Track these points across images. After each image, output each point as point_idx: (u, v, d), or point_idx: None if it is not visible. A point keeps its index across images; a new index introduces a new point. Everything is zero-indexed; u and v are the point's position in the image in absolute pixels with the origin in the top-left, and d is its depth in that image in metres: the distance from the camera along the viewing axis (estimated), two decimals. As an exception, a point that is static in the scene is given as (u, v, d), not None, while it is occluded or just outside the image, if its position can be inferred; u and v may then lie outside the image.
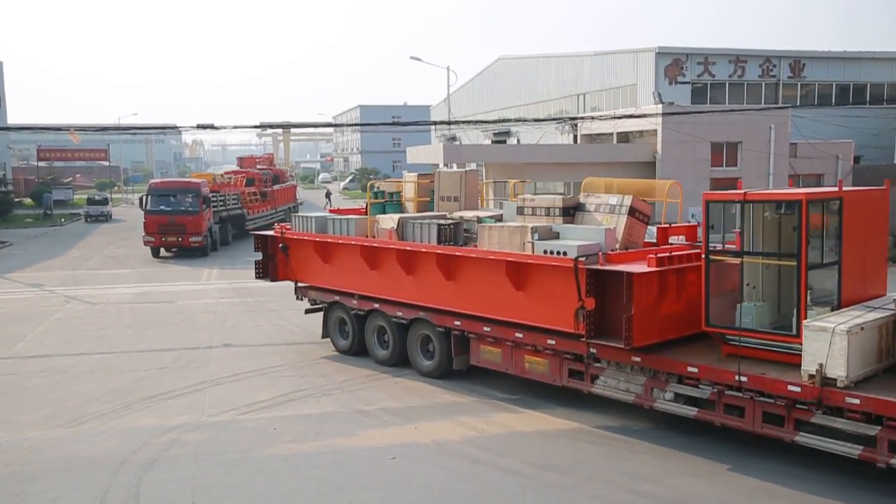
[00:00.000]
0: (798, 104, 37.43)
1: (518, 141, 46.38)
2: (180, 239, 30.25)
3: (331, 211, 16.61)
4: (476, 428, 11.04)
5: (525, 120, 37.01)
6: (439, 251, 12.52)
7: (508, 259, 11.38)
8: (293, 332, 17.32)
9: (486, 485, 9.18)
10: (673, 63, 37.00)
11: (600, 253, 10.55)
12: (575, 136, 36.18)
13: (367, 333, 14.58)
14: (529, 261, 11.18)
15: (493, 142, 49.31)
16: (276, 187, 42.19)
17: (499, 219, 13.11)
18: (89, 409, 12.10)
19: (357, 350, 14.87)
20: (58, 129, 35.74)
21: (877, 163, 36.67)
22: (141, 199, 31.61)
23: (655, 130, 29.23)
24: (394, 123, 27.24)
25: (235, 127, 22.07)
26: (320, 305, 15.70)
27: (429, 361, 13.50)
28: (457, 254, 12.35)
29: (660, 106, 30.14)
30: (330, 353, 15.41)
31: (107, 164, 73.86)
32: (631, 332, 9.90)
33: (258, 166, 44.96)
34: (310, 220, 15.32)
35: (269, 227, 38.51)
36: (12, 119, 61.14)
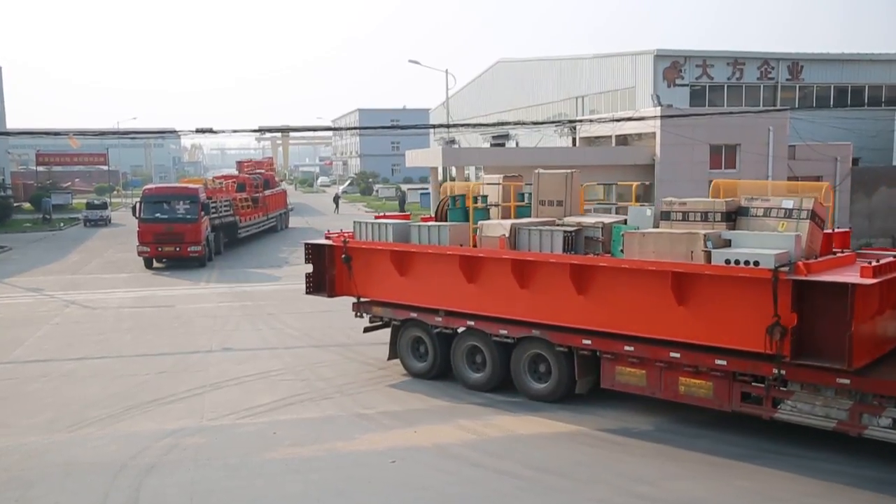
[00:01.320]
0: (796, 106, 37.47)
1: (517, 144, 46.42)
2: (178, 249, 28.22)
3: (377, 217, 15.03)
4: (475, 431, 11.03)
5: (524, 123, 37.04)
6: (575, 262, 11.13)
7: (676, 270, 10.10)
8: (293, 336, 17.31)
9: (485, 488, 9.18)
10: (671, 66, 37.06)
11: (800, 263, 9.38)
12: (574, 139, 36.22)
13: (454, 354, 13.04)
14: (706, 272, 9.88)
15: (491, 145, 49.34)
16: (267, 192, 40.25)
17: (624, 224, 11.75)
18: (89, 413, 12.08)
19: (438, 373, 13.39)
20: (57, 133, 35.52)
21: (875, 165, 36.71)
22: (134, 207, 29.65)
23: (654, 133, 29.26)
24: (392, 127, 27.31)
25: (234, 131, 22.23)
26: (381, 323, 14.26)
27: (541, 384, 12.15)
28: (600, 264, 10.98)
29: (658, 108, 30.17)
30: (328, 357, 15.38)
31: (106, 168, 73.79)
32: (851, 352, 8.88)
33: (246, 170, 43.32)
34: (385, 227, 13.52)
35: (260, 235, 38.36)
36: (11, 123, 61.15)
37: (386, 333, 15.56)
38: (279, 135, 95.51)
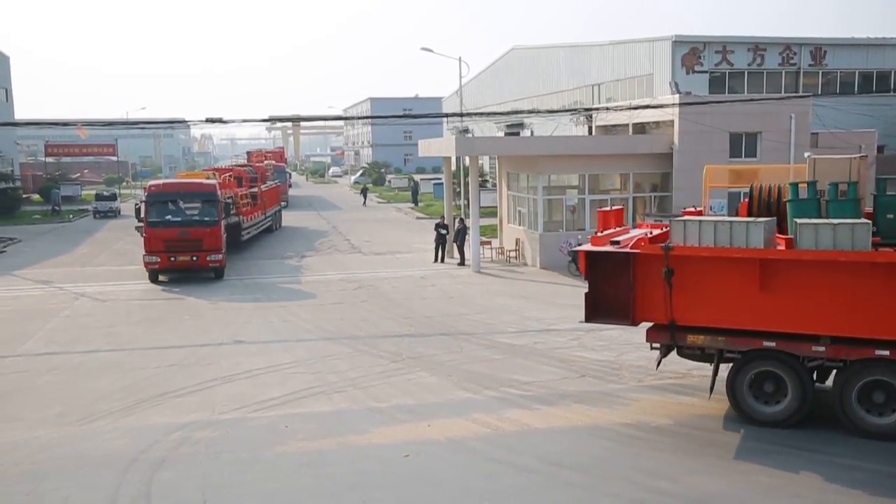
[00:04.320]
0: (819, 93, 36.76)
1: (531, 133, 46.01)
2: (195, 258, 23.52)
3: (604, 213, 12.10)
4: (490, 425, 10.84)
5: (539, 111, 36.61)
6: None
7: None
8: (305, 329, 17.15)
9: (501, 483, 9.00)
10: (690, 52, 36.46)
11: None
12: (590, 128, 35.79)
13: (844, 394, 10.21)
14: None
15: (505, 134, 48.97)
16: (263, 187, 35.22)
17: None
18: (99, 406, 11.99)
19: (802, 418, 10.51)
20: (65, 124, 35.14)
21: (899, 152, 35.98)
22: (137, 209, 24.96)
23: (672, 121, 28.77)
24: (405, 116, 26.80)
25: (244, 121, 21.61)
26: (663, 356, 11.45)
27: None
28: None
29: (677, 96, 29.65)
30: (340, 350, 15.19)
31: (115, 159, 73.63)
32: None
33: (254, 160, 40.48)
34: (746, 227, 10.23)
35: (258, 237, 34.07)
36: (19, 114, 60.96)
37: (393, 320, 15.36)
38: (290, 124, 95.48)
